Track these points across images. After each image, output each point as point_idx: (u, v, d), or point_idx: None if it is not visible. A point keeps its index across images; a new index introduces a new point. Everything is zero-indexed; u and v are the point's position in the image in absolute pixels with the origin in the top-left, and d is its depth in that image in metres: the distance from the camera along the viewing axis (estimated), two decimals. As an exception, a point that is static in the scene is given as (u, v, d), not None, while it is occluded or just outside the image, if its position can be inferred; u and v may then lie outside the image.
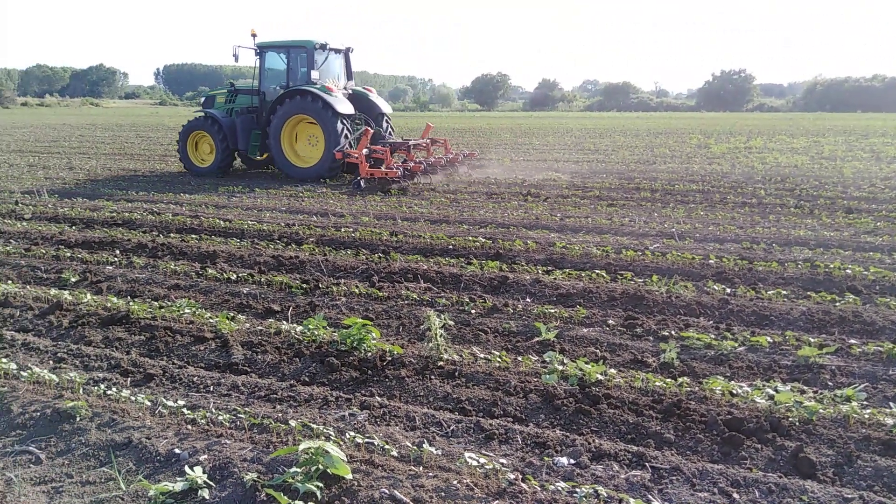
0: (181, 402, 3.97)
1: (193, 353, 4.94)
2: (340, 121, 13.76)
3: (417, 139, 15.84)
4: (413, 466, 3.31)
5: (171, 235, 8.89)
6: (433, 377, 4.43)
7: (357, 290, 6.28)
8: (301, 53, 14.60)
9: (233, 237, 8.77)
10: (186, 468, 3.18)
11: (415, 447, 3.41)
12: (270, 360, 4.77)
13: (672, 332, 5.22)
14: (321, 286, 6.45)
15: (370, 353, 4.74)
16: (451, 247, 8.07)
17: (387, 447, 3.43)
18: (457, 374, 4.46)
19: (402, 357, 4.69)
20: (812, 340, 4.97)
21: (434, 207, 10.96)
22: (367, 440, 3.49)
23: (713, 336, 5.09)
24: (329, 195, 12.45)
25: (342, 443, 3.47)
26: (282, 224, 9.48)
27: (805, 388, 4.21)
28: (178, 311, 5.62)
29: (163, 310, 5.69)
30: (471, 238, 8.32)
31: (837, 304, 5.80)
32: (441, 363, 4.59)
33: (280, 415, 3.90)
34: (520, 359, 4.67)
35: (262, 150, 15.15)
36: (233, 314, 5.65)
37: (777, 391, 4.03)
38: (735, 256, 7.39)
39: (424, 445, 3.39)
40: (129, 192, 12.92)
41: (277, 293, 6.38)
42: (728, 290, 6.21)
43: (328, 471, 3.06)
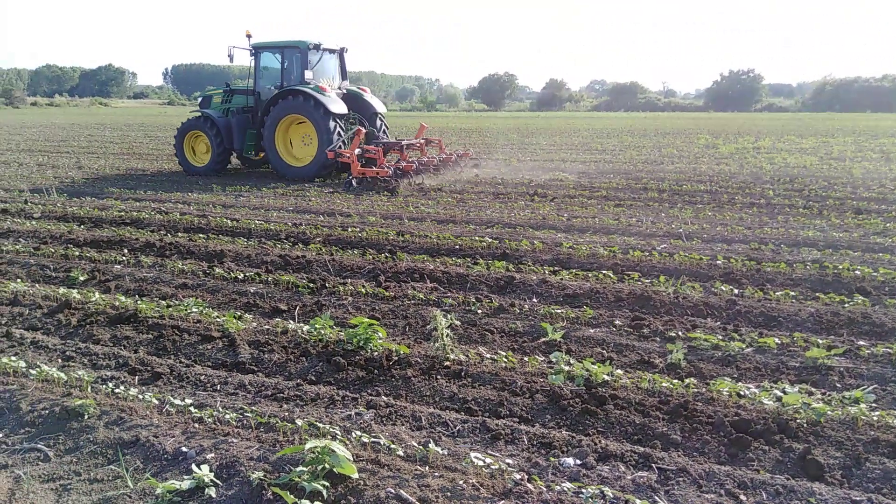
0: (188, 401, 3.99)
1: (201, 352, 4.97)
2: (333, 120, 13.87)
3: (411, 139, 15.95)
4: (419, 466, 3.31)
5: (179, 235, 8.93)
6: (439, 377, 4.43)
7: (363, 290, 6.29)
8: (295, 54, 14.74)
9: (240, 236, 8.80)
10: (193, 466, 3.19)
11: (421, 447, 3.42)
12: (277, 360, 4.79)
13: (679, 333, 5.20)
14: (328, 286, 6.46)
15: (376, 353, 4.75)
16: (458, 247, 8.07)
17: (393, 447, 3.44)
18: (463, 374, 4.46)
19: (409, 357, 4.70)
20: (820, 342, 4.94)
21: (441, 207, 10.96)
22: (373, 440, 3.49)
23: (721, 337, 5.07)
24: (336, 195, 12.48)
25: (348, 442, 3.47)
26: (289, 223, 9.51)
27: (813, 390, 4.18)
28: (186, 310, 5.64)
29: (170, 309, 5.72)
30: (477, 238, 8.32)
31: (846, 306, 5.76)
32: (447, 363, 4.59)
33: (286, 414, 3.91)
34: (526, 359, 4.67)
35: (258, 150, 15.27)
36: (240, 313, 5.67)
37: (785, 393, 4.01)
38: (743, 257, 7.36)
39: (430, 445, 3.39)
40: (138, 192, 12.98)
41: (284, 292, 6.40)
42: (736, 291, 6.18)
43: (334, 470, 3.07)
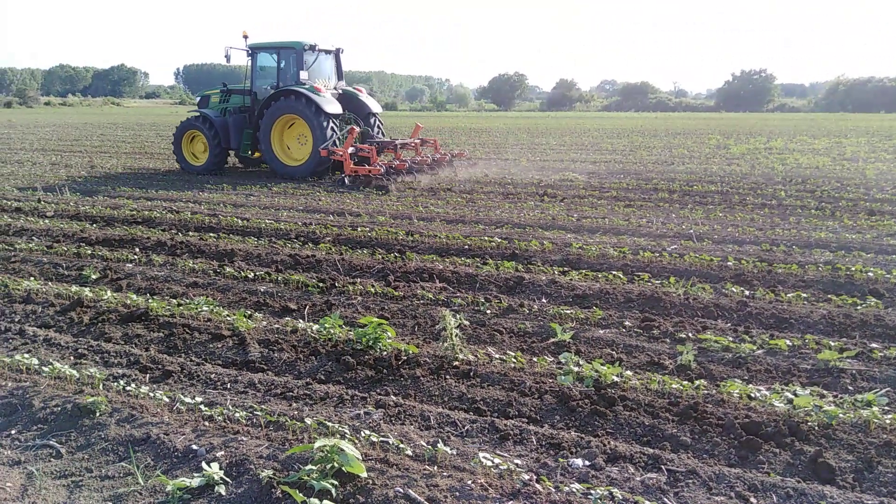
0: (199, 399, 4.01)
1: (211, 351, 4.99)
2: (328, 120, 14.04)
3: (405, 139, 16.16)
4: (427, 466, 3.31)
5: (190, 234, 8.98)
6: (448, 377, 4.44)
7: (373, 290, 6.30)
8: (291, 54, 14.90)
9: (250, 236, 8.84)
10: (203, 464, 3.21)
11: (429, 446, 3.42)
12: (287, 359, 4.81)
13: (689, 335, 5.18)
14: (337, 285, 6.48)
15: (385, 353, 4.76)
16: (467, 247, 8.07)
17: (401, 446, 3.44)
18: (472, 375, 4.46)
19: (418, 356, 4.70)
20: (832, 344, 4.91)
21: (450, 207, 10.96)
22: (382, 439, 3.50)
23: (731, 339, 5.04)
24: (346, 195, 12.51)
25: (357, 441, 3.48)
26: (299, 223, 9.54)
27: (825, 393, 4.15)
28: (197, 309, 5.68)
29: (181, 307, 5.75)
30: (487, 238, 8.31)
31: (859, 308, 5.71)
32: (456, 363, 4.59)
33: (296, 412, 3.92)
34: (535, 359, 4.66)
35: (254, 149, 15.42)
36: (250, 312, 5.70)
37: (796, 395, 3.98)
38: (754, 258, 7.31)
39: (439, 445, 3.40)
40: (149, 191, 13.07)
41: (294, 292, 6.42)
42: (747, 293, 6.14)
43: (343, 469, 3.08)
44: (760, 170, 16.25)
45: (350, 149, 13.76)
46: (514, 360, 4.63)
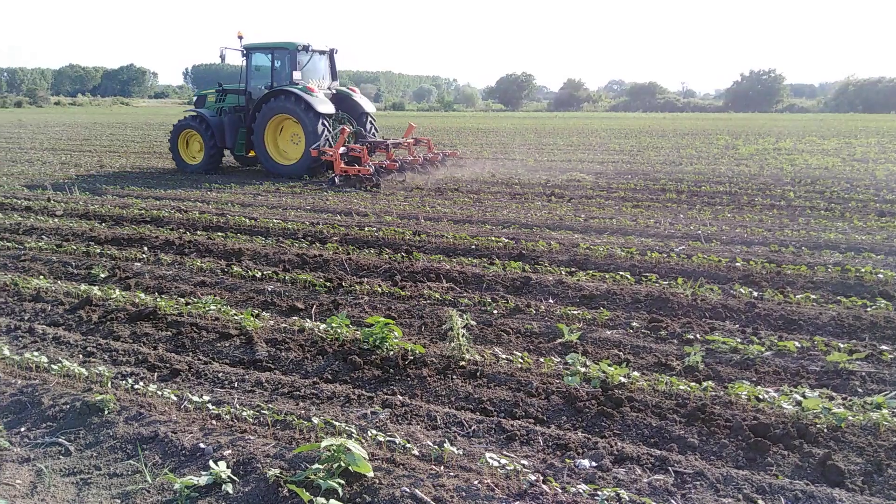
0: (206, 398, 4.03)
1: (218, 350, 5.01)
2: (320, 120, 14.19)
3: (398, 138, 16.44)
4: (434, 466, 3.31)
5: (198, 233, 9.02)
6: (455, 377, 4.44)
7: (380, 289, 6.31)
8: (284, 55, 15.08)
9: (258, 235, 8.87)
10: (211, 463, 3.22)
11: (436, 446, 3.42)
12: (294, 358, 4.82)
13: (697, 336, 5.16)
14: (344, 285, 6.49)
15: (392, 352, 4.76)
16: (474, 247, 8.06)
17: (408, 446, 3.45)
18: (478, 375, 4.46)
19: (424, 356, 4.70)
20: (842, 346, 4.88)
21: (457, 207, 10.96)
22: (389, 439, 3.50)
23: (739, 340, 5.02)
24: (353, 195, 12.53)
25: (364, 441, 3.49)
26: (306, 223, 9.56)
27: (834, 395, 4.13)
28: (204, 308, 5.70)
29: (189, 306, 5.78)
30: (494, 238, 8.31)
31: (868, 310, 5.67)
32: (463, 363, 4.59)
33: (303, 412, 3.93)
34: (542, 360, 4.66)
35: (249, 149, 15.60)
36: (257, 311, 5.72)
37: (805, 397, 3.96)
38: (763, 259, 7.28)
39: (446, 445, 3.40)
40: (157, 190, 13.13)
41: (301, 291, 6.43)
42: (755, 294, 6.11)
43: (350, 468, 3.08)
44: (769, 170, 16.16)
45: (341, 148, 13.94)
46: (521, 361, 4.62)
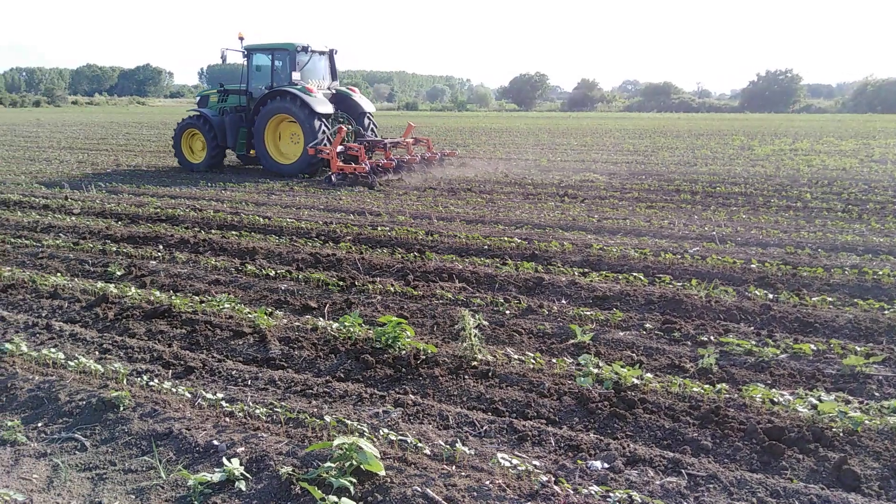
0: (220, 395, 4.06)
1: (232, 348, 5.05)
2: (318, 119, 14.38)
3: (396, 138, 16.71)
4: (446, 465, 3.32)
5: (213, 232, 9.08)
6: (467, 377, 4.44)
7: (392, 289, 6.32)
8: (284, 55, 15.30)
9: (272, 234, 8.92)
10: (224, 460, 3.25)
11: (448, 446, 3.42)
12: (307, 356, 4.84)
13: (711, 338, 5.12)
14: (357, 284, 6.51)
15: (404, 352, 4.77)
16: (487, 247, 8.06)
17: (420, 445, 3.45)
18: (490, 375, 4.45)
19: (436, 356, 4.71)
20: (858, 349, 4.82)
21: (470, 207, 10.96)
22: (401, 438, 3.51)
23: (754, 342, 4.97)
24: (366, 195, 12.56)
25: (376, 440, 3.50)
26: (320, 222, 9.60)
27: (850, 398, 4.08)
28: (219, 306, 5.74)
29: (203, 304, 5.82)
30: (506, 238, 8.30)
31: (886, 312, 5.60)
32: (475, 363, 4.59)
33: (315, 410, 3.95)
34: (554, 361, 4.64)
35: (249, 148, 15.85)
36: (271, 310, 5.75)
37: (821, 400, 3.92)
38: (778, 261, 7.21)
39: (457, 445, 3.40)
40: (173, 189, 13.25)
41: (314, 290, 6.46)
42: (770, 296, 6.06)
43: (362, 467, 3.09)
44: (785, 171, 16.00)
45: (339, 147, 14.13)
46: (533, 361, 4.61)
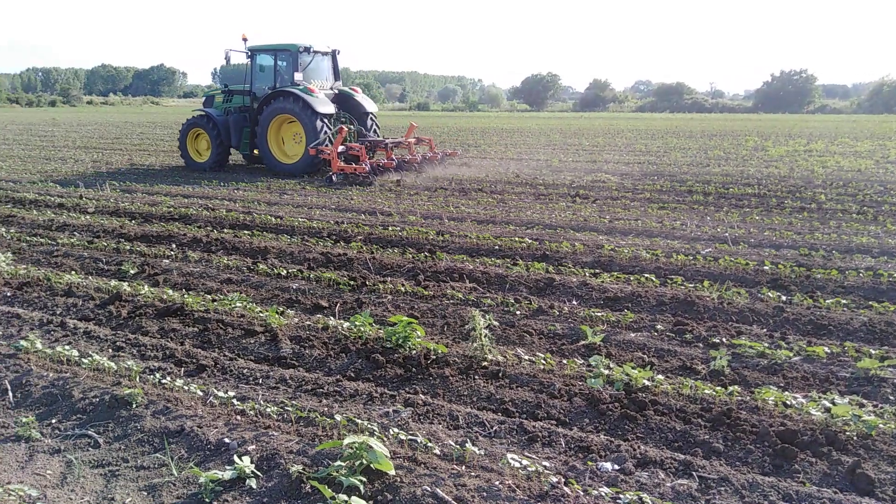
0: (231, 393, 4.08)
1: (244, 346, 5.07)
2: (320, 120, 14.56)
3: (397, 138, 16.94)
4: (455, 465, 3.32)
5: (225, 231, 9.14)
6: (477, 377, 4.43)
7: (403, 289, 6.33)
8: (287, 56, 15.48)
9: (283, 234, 8.96)
10: (235, 457, 3.27)
11: (458, 446, 3.42)
12: (318, 355, 4.86)
13: (723, 340, 5.08)
14: (368, 283, 6.53)
15: (415, 351, 4.78)
16: (498, 247, 8.05)
17: (430, 445, 3.45)
18: (501, 375, 4.45)
19: (447, 356, 4.71)
20: (873, 352, 4.77)
21: (481, 208, 10.95)
22: (411, 437, 3.51)
23: (767, 345, 4.93)
24: (377, 194, 12.59)
25: (386, 439, 3.50)
26: (331, 222, 9.63)
27: (864, 402, 4.04)
28: (230, 305, 5.77)
29: (215, 303, 5.86)
30: (517, 239, 8.28)
31: (901, 315, 5.54)
32: (485, 363, 4.59)
33: (326, 409, 3.97)
34: (565, 362, 4.63)
35: (253, 147, 16.10)
36: (282, 309, 5.77)
37: (834, 404, 3.88)
38: (792, 263, 7.15)
39: (467, 445, 3.40)
40: (186, 188, 13.34)
41: (326, 289, 6.48)
42: (784, 298, 6.01)
43: (371, 466, 3.10)
44: (800, 172, 15.86)
45: (340, 147, 14.30)
46: (544, 362, 4.60)
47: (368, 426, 3.61)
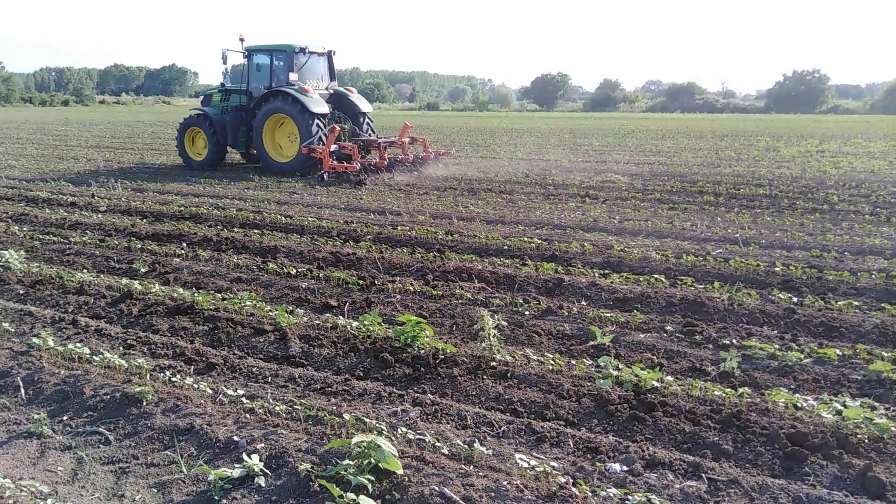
0: (241, 392, 4.10)
1: (253, 345, 5.10)
2: (314, 119, 14.73)
3: (391, 137, 17.17)
4: (463, 465, 3.32)
5: (235, 230, 9.18)
6: (485, 377, 4.43)
7: (412, 288, 6.34)
8: (283, 56, 15.67)
9: (293, 233, 8.99)
10: (244, 455, 3.28)
11: (466, 446, 3.43)
12: (326, 354, 4.87)
13: (733, 341, 5.06)
14: (377, 283, 6.54)
15: (423, 351, 4.78)
16: (507, 247, 8.04)
17: (438, 444, 3.46)
18: (509, 375, 4.44)
19: (455, 356, 4.71)
20: (885, 355, 4.73)
21: (490, 208, 10.95)
22: (419, 437, 3.52)
23: (777, 346, 4.90)
24: (387, 194, 12.61)
25: (394, 438, 3.51)
26: (340, 221, 9.66)
27: (876, 405, 4.00)
28: (240, 304, 5.80)
29: (225, 302, 5.89)
30: (526, 239, 8.27)
31: (914, 318, 5.49)
32: (494, 363, 4.59)
33: (334, 408, 3.98)
34: (573, 362, 4.62)
35: (249, 146, 16.36)
36: (291, 308, 5.79)
37: (846, 406, 3.85)
38: (803, 264, 7.09)
39: (475, 445, 3.40)
40: (196, 188, 13.42)
41: (335, 289, 6.50)
42: (795, 300, 5.96)
43: (380, 465, 3.11)
44: (812, 173, 15.74)
45: (333, 146, 14.46)
46: (552, 363, 4.60)
47: (377, 425, 3.62)
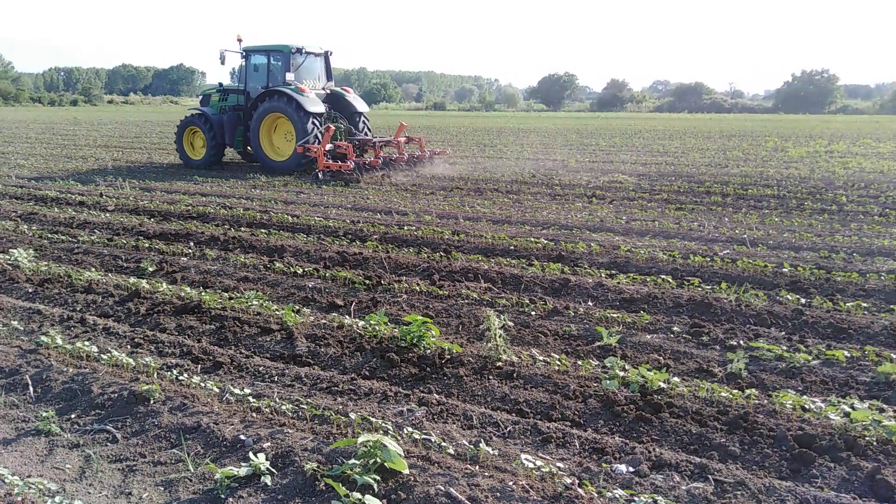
0: (247, 391, 4.12)
1: (260, 344, 5.11)
2: (310, 118, 14.88)
3: (386, 137, 17.35)
4: (469, 465, 3.32)
5: (242, 229, 9.21)
6: (491, 377, 4.43)
7: (418, 288, 6.34)
8: (280, 56, 15.83)
9: (300, 232, 9.01)
10: (250, 454, 3.29)
11: (471, 446, 3.42)
12: (333, 354, 4.88)
13: (741, 342, 5.04)
14: (383, 283, 6.54)
15: (429, 351, 4.79)
16: (513, 247, 8.03)
17: (443, 444, 3.46)
18: (515, 376, 4.44)
19: (461, 356, 4.71)
20: (894, 357, 4.70)
21: (496, 208, 10.94)
22: (425, 436, 3.52)
23: (785, 348, 4.88)
24: (393, 194, 12.62)
25: (400, 438, 3.51)
26: (347, 221, 9.67)
27: (885, 407, 3.97)
28: (247, 303, 5.82)
29: (232, 301, 5.91)
30: (533, 239, 8.26)
31: (924, 319, 5.45)
32: (499, 364, 4.58)
33: (340, 407, 3.98)
34: (580, 363, 4.61)
35: (246, 145, 16.52)
36: (298, 307, 5.81)
37: (853, 408, 3.83)
38: (811, 265, 7.06)
39: (481, 445, 3.40)
40: (204, 187, 13.46)
41: (341, 288, 6.51)
42: (803, 301, 5.93)
43: (385, 464, 3.11)
44: (820, 174, 15.66)
45: (328, 146, 14.60)
46: (559, 363, 4.59)
47: (383, 425, 3.62)
